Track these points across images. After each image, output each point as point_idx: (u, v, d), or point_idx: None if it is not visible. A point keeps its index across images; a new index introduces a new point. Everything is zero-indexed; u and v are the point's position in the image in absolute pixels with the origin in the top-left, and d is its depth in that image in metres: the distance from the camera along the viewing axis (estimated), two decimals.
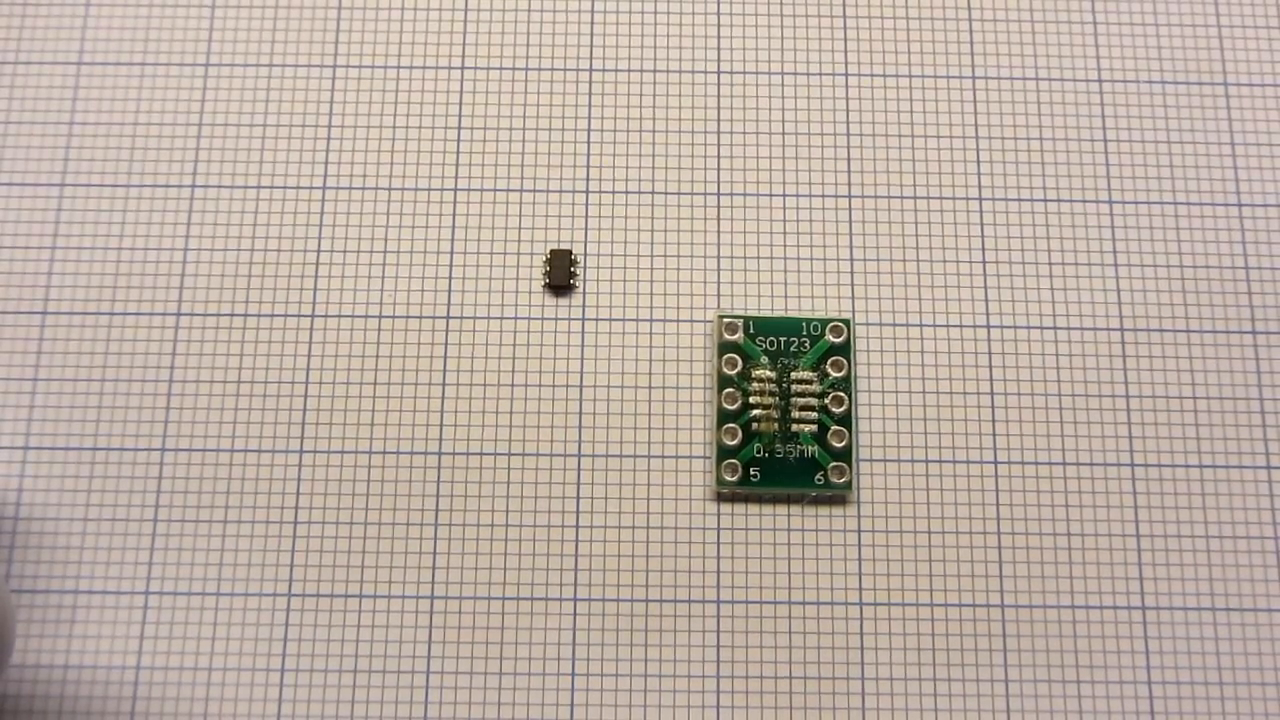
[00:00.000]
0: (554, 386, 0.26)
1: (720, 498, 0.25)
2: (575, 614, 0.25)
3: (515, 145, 0.27)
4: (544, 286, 0.27)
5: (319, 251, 0.27)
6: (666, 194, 0.27)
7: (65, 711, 0.24)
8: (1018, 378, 0.26)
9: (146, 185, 0.27)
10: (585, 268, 0.27)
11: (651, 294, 0.26)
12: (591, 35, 0.28)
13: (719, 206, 0.27)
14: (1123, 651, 0.24)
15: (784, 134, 0.27)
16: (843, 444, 0.25)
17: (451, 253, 0.27)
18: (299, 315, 0.26)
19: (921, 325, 0.26)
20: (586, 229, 0.27)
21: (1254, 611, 0.25)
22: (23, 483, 0.25)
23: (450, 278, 0.27)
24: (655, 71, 0.28)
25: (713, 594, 0.25)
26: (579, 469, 0.25)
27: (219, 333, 0.26)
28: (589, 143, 0.27)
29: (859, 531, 0.25)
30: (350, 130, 0.27)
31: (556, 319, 0.26)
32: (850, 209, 0.27)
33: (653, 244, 0.27)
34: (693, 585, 0.25)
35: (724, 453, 0.25)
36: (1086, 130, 0.28)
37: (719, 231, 0.27)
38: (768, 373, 0.25)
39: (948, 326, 0.26)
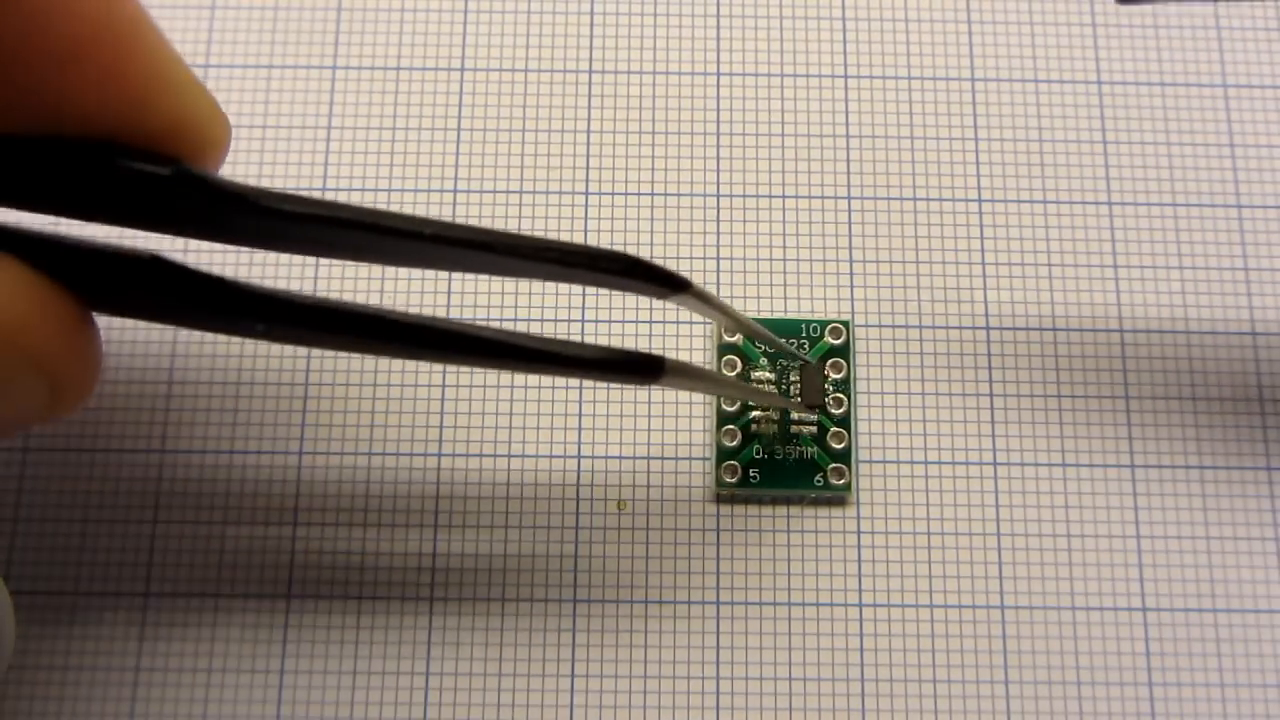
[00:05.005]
0: (553, 388, 0.26)
1: (720, 499, 0.25)
2: (575, 614, 0.25)
3: (515, 146, 0.27)
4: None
5: None
6: (666, 195, 0.27)
7: (64, 712, 0.24)
8: (1017, 379, 0.26)
9: None
10: None
11: None
12: (591, 36, 0.28)
13: (718, 208, 0.27)
14: (1123, 653, 0.24)
15: (783, 135, 0.27)
16: (842, 445, 0.25)
17: None
18: None
19: (921, 326, 0.26)
20: (586, 230, 0.27)
21: (1254, 613, 0.25)
22: (22, 483, 0.25)
23: (450, 278, 0.27)
24: (655, 73, 0.28)
25: (712, 595, 0.25)
26: (579, 470, 0.25)
27: None
28: (589, 144, 0.27)
29: (858, 533, 0.25)
30: (350, 130, 0.27)
31: (555, 320, 0.26)
32: (850, 210, 0.27)
33: (652, 245, 0.27)
34: (692, 586, 0.25)
35: (723, 454, 0.25)
36: (1086, 132, 0.28)
37: (718, 233, 0.27)
38: (767, 374, 0.25)
39: (947, 328, 0.26)
